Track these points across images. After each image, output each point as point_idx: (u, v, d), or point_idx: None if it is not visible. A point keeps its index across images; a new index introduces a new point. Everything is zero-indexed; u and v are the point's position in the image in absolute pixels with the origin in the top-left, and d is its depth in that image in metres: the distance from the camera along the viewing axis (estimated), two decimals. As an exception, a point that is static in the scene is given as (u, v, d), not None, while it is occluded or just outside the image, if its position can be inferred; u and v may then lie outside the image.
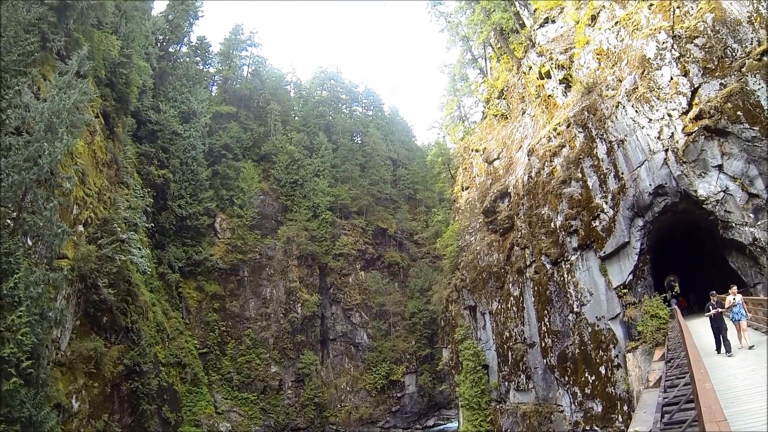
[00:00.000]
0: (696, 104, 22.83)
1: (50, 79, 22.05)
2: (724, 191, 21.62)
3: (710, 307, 16.33)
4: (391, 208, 76.15)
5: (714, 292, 17.08)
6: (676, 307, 24.48)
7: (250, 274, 57.19)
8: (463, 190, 48.78)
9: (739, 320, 15.79)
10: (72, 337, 24.47)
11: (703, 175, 22.24)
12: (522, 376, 35.28)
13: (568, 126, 30.14)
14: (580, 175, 28.60)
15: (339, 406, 58.22)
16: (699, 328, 20.14)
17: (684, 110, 23.26)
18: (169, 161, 52.28)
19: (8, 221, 17.31)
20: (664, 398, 12.86)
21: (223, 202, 58.17)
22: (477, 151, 46.39)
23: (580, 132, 29.09)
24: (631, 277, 26.30)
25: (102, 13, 31.09)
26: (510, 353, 36.27)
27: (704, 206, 22.27)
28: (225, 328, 51.85)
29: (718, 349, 15.80)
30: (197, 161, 55.50)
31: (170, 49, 61.78)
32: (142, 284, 36.44)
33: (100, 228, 28.38)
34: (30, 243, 19.45)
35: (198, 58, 70.23)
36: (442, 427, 62.11)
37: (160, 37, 57.48)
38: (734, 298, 16.28)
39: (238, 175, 61.19)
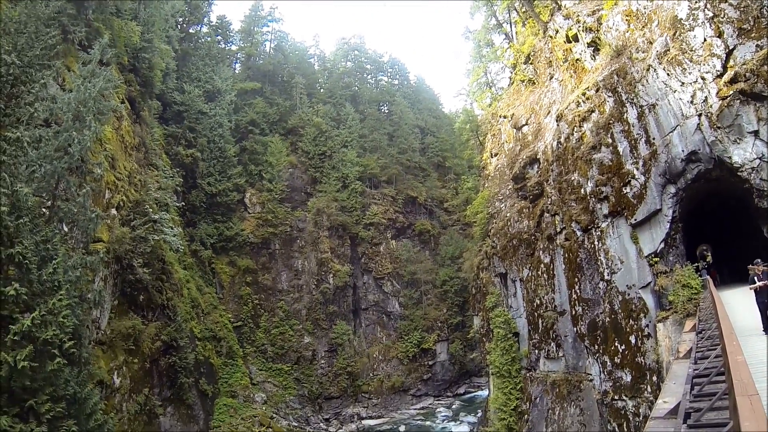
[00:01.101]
0: (731, 67, 21.67)
1: (74, 69, 22.41)
2: (760, 158, 20.68)
3: (756, 279, 14.34)
4: (420, 176, 75.81)
5: (759, 260, 15.20)
6: (708, 277, 23.90)
7: (282, 247, 57.99)
8: (492, 157, 48.15)
9: None
10: (111, 316, 25.46)
11: (738, 141, 21.30)
12: (552, 344, 35.23)
13: (597, 90, 29.27)
14: (610, 141, 27.87)
15: (371, 375, 59.21)
16: (732, 301, 19.55)
17: (718, 73, 22.15)
18: (197, 140, 52.90)
19: (44, 210, 17.88)
20: (695, 370, 12.67)
21: (252, 177, 58.78)
22: (505, 117, 45.57)
23: (609, 96, 28.23)
24: (662, 245, 25.73)
25: (120, 1, 31.28)
26: (540, 321, 36.20)
27: (739, 173, 21.43)
28: (258, 301, 53.02)
29: (767, 328, 13.63)
30: (224, 138, 55.98)
31: (191, 30, 62.28)
32: (176, 262, 37.45)
33: (133, 210, 29.14)
34: (66, 229, 20.13)
35: (219, 38, 70.34)
36: (472, 394, 62.76)
37: (180, 19, 57.58)
38: None
39: (266, 149, 61.59)
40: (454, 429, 51.19)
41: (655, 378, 25.41)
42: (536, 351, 37.33)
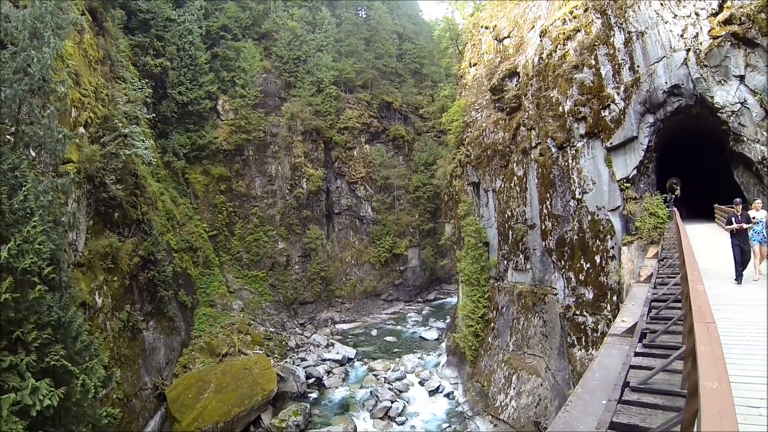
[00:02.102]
0: (727, 7, 21.26)
1: (26, -15, 20.55)
2: (741, 103, 20.83)
3: (734, 219, 13.52)
4: (396, 82, 73.87)
5: (739, 200, 14.51)
6: (675, 209, 24.66)
7: (255, 153, 57.11)
8: (470, 67, 47.07)
9: (759, 242, 13.29)
10: (87, 237, 25.24)
11: (722, 82, 21.28)
12: (521, 256, 36.49)
13: (585, 10, 28.40)
14: (593, 63, 27.47)
15: (344, 279, 60.92)
16: (694, 235, 20.20)
17: (713, 11, 21.74)
18: (165, 49, 50.32)
19: (8, 137, 17.07)
20: (654, 294, 13.47)
21: (224, 84, 56.54)
22: (487, 28, 44.07)
23: (597, 18, 27.45)
24: (635, 172, 26.27)
25: None
26: (510, 233, 37.24)
27: (718, 114, 21.60)
28: (232, 208, 52.97)
29: (739, 277, 12.85)
30: (195, 46, 53.15)
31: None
32: (149, 175, 36.74)
33: (101, 126, 27.99)
34: (33, 154, 19.39)
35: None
36: (442, 301, 65.56)
37: None
38: (756, 215, 13.52)
39: (238, 55, 58.89)
40: (423, 334, 53.85)
41: (615, 298, 26.86)
42: (505, 262, 38.69)
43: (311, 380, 41.62)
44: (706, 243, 19.70)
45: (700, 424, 3.17)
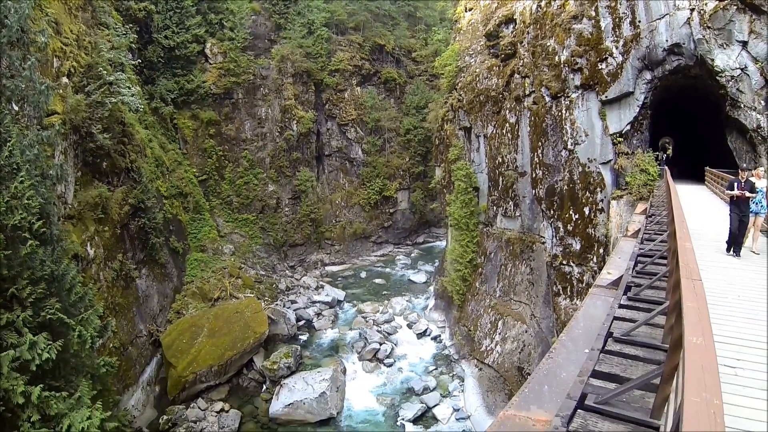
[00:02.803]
0: None
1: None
2: (742, 69, 20.52)
3: (736, 185, 12.84)
4: (389, 24, 71.30)
5: (746, 165, 14.25)
6: (666, 168, 24.75)
7: (245, 96, 55.72)
8: (465, 11, 45.71)
9: (756, 213, 12.82)
10: (76, 188, 24.91)
11: (724, 46, 20.87)
12: (510, 203, 36.74)
13: (588, -42, 27.47)
14: (593, 14, 26.78)
15: (334, 221, 61.09)
16: (683, 198, 20.34)
17: None
18: (149, -8, 47.73)
19: (-11, 92, 16.58)
20: (640, 249, 13.77)
21: (212, 26, 54.05)
22: (484, -29, 42.55)
23: (600, -33, 26.60)
24: (628, 127, 26.19)
25: None
26: (501, 179, 37.34)
27: (718, 78, 21.30)
28: (222, 152, 52.11)
29: (731, 247, 12.41)
30: (181, -13, 50.44)
31: None
32: (136, 123, 35.93)
33: (85, 75, 27.01)
34: (16, 108, 18.75)
35: None
36: (431, 244, 66.21)
37: None
38: (757, 183, 12.96)
39: (226, -4, 56.14)
40: (412, 277, 54.73)
41: (602, 250, 27.33)
42: (494, 208, 38.95)
43: (301, 322, 42.56)
44: (695, 204, 19.93)
45: (682, 377, 3.27)
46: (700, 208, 19.16)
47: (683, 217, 9.82)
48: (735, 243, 12.34)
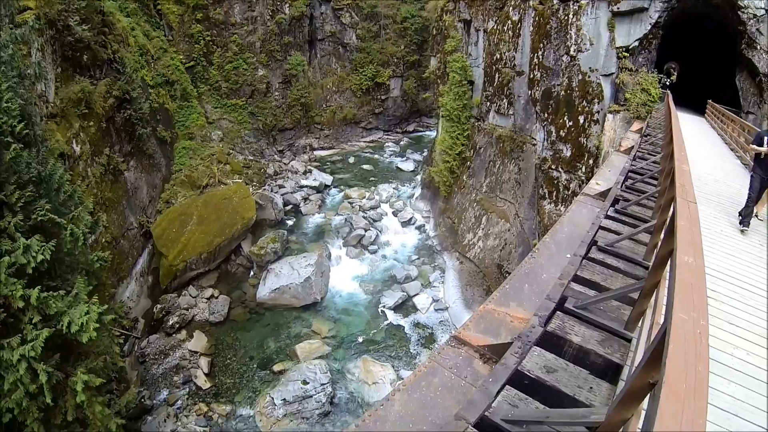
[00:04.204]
0: None
1: None
2: (766, 10, 19.28)
3: (767, 140, 10.35)
4: None
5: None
6: (669, 92, 24.11)
7: (234, -23, 51.68)
8: None
9: None
10: (57, 85, 23.62)
11: None
12: (504, 101, 36.16)
13: None
14: None
15: (324, 106, 59.66)
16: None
17: None
18: None
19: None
20: (632, 166, 14.03)
21: None
22: None
23: None
24: (636, 43, 25.15)
25: None
26: (497, 75, 36.44)
27: (739, 12, 20.07)
28: (210, 37, 48.76)
29: (746, 219, 9.85)
30: None
31: None
32: (117, 11, 33.42)
33: (56, -37, 24.76)
34: (-15, 7, 17.44)
35: None
36: (421, 133, 65.47)
37: None
38: None
39: None
40: (400, 164, 54.79)
41: (591, 161, 27.44)
42: (488, 103, 38.39)
43: (288, 207, 43.05)
44: (691, 134, 19.75)
45: (668, 294, 3.37)
46: (694, 138, 18.99)
47: (682, 140, 9.41)
48: (747, 212, 9.94)
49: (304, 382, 24.39)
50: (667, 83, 26.52)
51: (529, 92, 32.76)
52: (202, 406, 23.90)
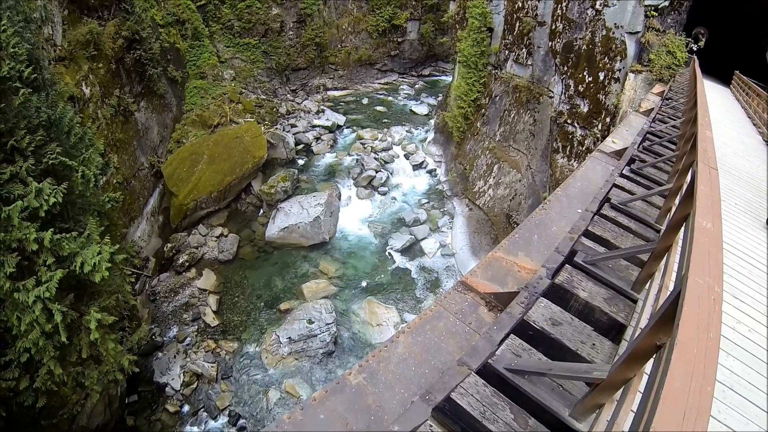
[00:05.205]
0: None
1: None
2: None
3: None
4: None
5: None
6: (695, 57, 23.14)
7: None
8: None
9: None
10: (64, 28, 23.11)
11: None
12: (524, 50, 35.22)
13: None
14: None
15: (339, 46, 58.18)
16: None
17: None
18: None
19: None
20: (651, 127, 13.85)
21: None
22: None
23: None
24: (666, 3, 24.00)
25: None
26: (518, 24, 35.34)
27: None
28: (223, -25, 47.42)
29: None
30: None
31: None
32: (123, -51, 32.48)
33: None
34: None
35: None
36: (436, 78, 63.81)
37: None
38: None
39: None
40: (414, 108, 53.88)
41: (608, 119, 26.93)
42: (506, 52, 37.43)
43: (300, 146, 42.66)
44: (713, 102, 19.19)
45: (686, 258, 3.33)
46: (721, 113, 18.31)
47: (708, 107, 9.10)
48: None
49: (310, 322, 25.01)
50: (694, 48, 25.55)
51: (550, 44, 31.79)
52: (210, 343, 24.74)
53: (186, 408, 22.18)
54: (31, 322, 13.63)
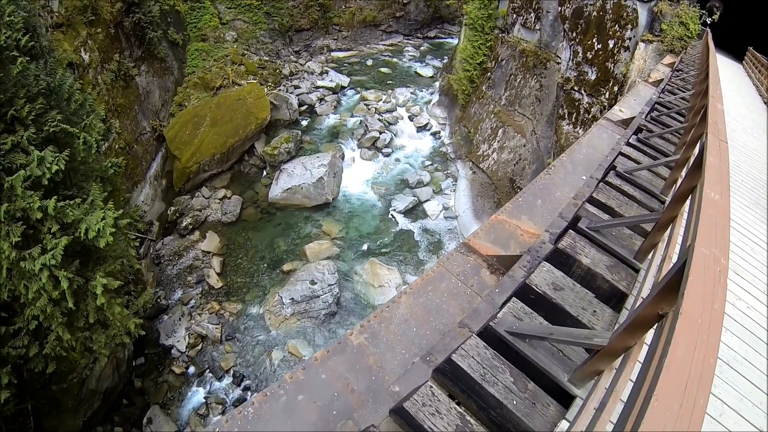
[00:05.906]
0: None
1: None
2: None
3: None
4: None
5: None
6: (709, 30, 22.57)
7: None
8: None
9: None
10: None
11: None
12: (532, 14, 34.63)
13: None
14: None
15: (343, 7, 57.01)
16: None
17: None
18: None
19: None
20: (659, 98, 13.73)
21: None
22: None
23: None
24: (682, -28, 23.44)
25: None
26: (526, -12, 34.77)
27: None
28: (223, -66, 46.03)
29: None
30: None
31: None
32: None
33: None
34: None
35: None
36: (442, 40, 62.61)
37: None
38: None
39: None
40: (419, 69, 53.11)
41: (616, 88, 26.58)
42: (514, 15, 36.82)
43: (303, 107, 42.01)
44: (724, 77, 18.81)
45: (693, 229, 3.28)
46: (731, 88, 17.94)
47: (719, 80, 8.95)
48: None
49: (312, 282, 25.15)
50: (708, 22, 24.94)
51: (559, 9, 31.23)
52: (214, 305, 24.98)
53: (191, 369, 22.57)
54: (39, 290, 13.70)
